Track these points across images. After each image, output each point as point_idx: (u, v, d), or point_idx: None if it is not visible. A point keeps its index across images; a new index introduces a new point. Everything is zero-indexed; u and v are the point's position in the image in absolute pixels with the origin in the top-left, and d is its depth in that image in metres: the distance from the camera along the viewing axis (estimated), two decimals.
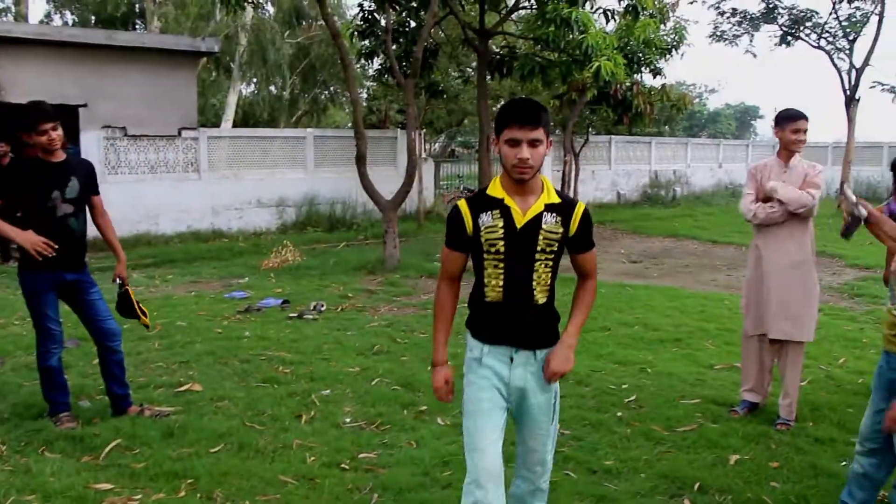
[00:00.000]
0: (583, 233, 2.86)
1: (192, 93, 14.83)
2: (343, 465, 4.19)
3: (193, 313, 7.95)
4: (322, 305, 8.25)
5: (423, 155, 17.60)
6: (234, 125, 23.35)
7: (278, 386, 5.52)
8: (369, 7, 12.36)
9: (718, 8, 21.89)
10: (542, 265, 2.80)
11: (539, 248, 2.77)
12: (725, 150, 27.12)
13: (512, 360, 2.85)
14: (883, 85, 20.49)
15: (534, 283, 2.80)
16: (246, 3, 10.33)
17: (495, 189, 2.82)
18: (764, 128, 57.85)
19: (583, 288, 2.98)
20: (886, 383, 3.35)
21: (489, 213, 2.78)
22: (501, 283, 2.79)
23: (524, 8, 12.50)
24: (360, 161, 10.87)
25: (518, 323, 2.83)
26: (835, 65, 20.69)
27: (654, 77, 16.20)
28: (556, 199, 2.82)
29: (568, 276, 3.02)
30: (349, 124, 33.50)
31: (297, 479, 4.01)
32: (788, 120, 4.75)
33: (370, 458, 4.29)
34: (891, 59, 35.60)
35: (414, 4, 12.47)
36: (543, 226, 2.77)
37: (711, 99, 55.22)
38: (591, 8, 12.03)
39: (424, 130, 20.34)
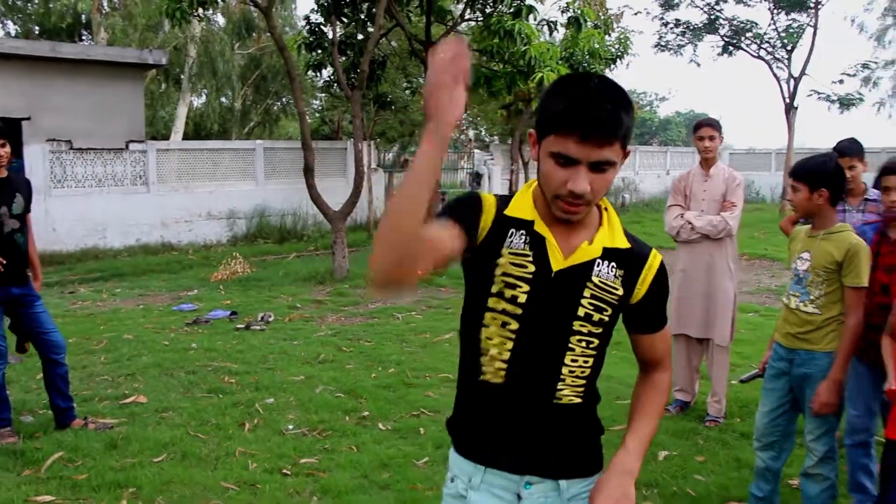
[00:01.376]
0: (656, 299, 1.83)
1: (139, 105, 14.75)
2: (284, 471, 4.30)
3: (141, 326, 7.96)
4: (270, 316, 8.32)
5: (374, 165, 17.72)
6: (185, 137, 23.20)
7: (223, 396, 5.61)
8: (316, 20, 12.47)
9: (662, 19, 22.43)
10: (583, 341, 1.75)
11: (582, 314, 1.74)
12: (673, 157, 27.68)
13: (519, 497, 1.78)
14: (819, 94, 21.12)
15: (563, 371, 1.75)
16: (191, 17, 10.36)
17: (523, 205, 1.77)
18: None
19: (650, 383, 1.93)
20: (798, 379, 3.55)
21: (521, 234, 1.74)
22: (508, 355, 1.74)
23: (470, 20, 12.70)
24: (308, 172, 10.98)
25: (533, 433, 1.75)
26: (774, 74, 21.31)
27: None
28: (624, 243, 1.78)
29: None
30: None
31: (238, 485, 4.10)
32: (696, 127, 5.04)
33: (311, 463, 4.40)
34: (827, 69, 36.63)
35: (361, 17, 12.61)
36: (594, 278, 1.74)
37: (662, 107, 56.34)
38: (535, 20, 12.27)
39: (378, 140, 20.46)
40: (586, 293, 1.72)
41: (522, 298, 1.71)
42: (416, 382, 5.93)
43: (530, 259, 1.71)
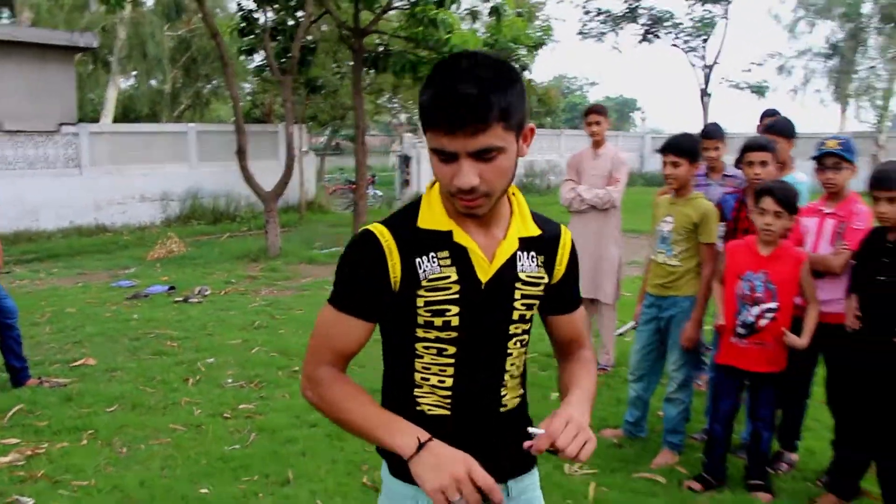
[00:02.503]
0: (572, 277, 1.78)
1: (70, 88, 14.92)
2: (225, 415, 4.90)
3: (82, 301, 8.38)
4: (206, 290, 8.82)
5: (305, 148, 18.18)
6: (115, 120, 23.19)
7: (166, 357, 6.15)
8: (248, 6, 12.86)
9: (585, 7, 23.33)
10: (518, 343, 1.69)
11: (517, 316, 1.66)
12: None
13: None
14: (730, 81, 22.32)
15: (505, 378, 1.69)
16: (126, 3, 10.69)
17: (433, 214, 1.62)
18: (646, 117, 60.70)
19: (578, 360, 1.82)
20: (665, 321, 4.33)
21: (432, 255, 1.59)
22: (451, 382, 1.64)
23: (396, 8, 13.24)
24: (241, 155, 11.44)
25: (477, 447, 1.57)
26: (690, 62, 22.45)
27: (522, 72, 17.32)
28: (535, 230, 1.69)
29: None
30: (232, 118, 33.53)
31: (185, 427, 4.69)
32: (585, 114, 5.80)
33: (249, 409, 5.01)
34: (747, 57, 38.20)
35: (291, 4, 13.04)
36: (521, 275, 1.65)
37: (592, 91, 57.60)
38: (458, 9, 12.90)
39: (309, 124, 20.86)
40: (517, 294, 1.64)
41: (455, 321, 1.58)
42: None
43: (454, 279, 1.57)
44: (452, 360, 1.62)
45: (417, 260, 1.57)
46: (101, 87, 26.83)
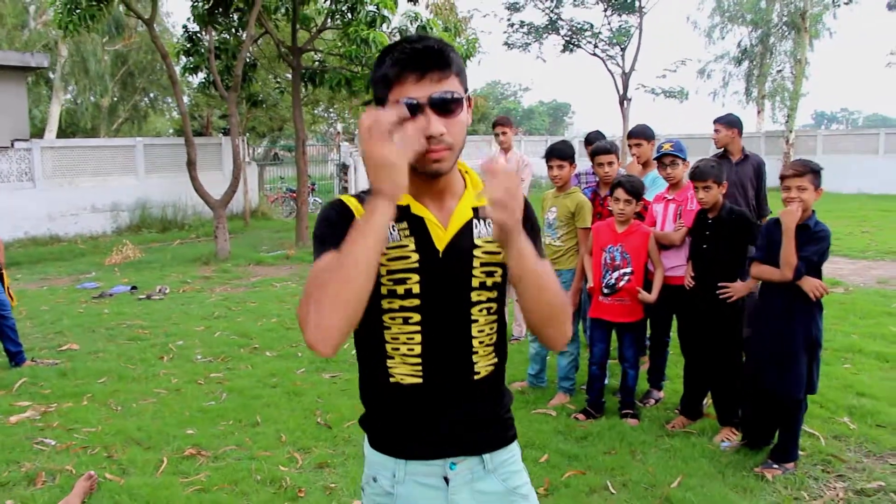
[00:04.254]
0: (532, 236, 1.71)
1: (23, 105, 15.62)
2: (199, 382, 5.92)
3: (52, 301, 9.25)
4: (166, 289, 9.75)
5: (247, 159, 19.09)
6: (57, 135, 23.72)
7: (141, 342, 7.13)
8: (193, 28, 13.76)
9: (509, 20, 24.69)
10: (484, 311, 1.73)
11: (477, 283, 1.71)
12: (527, 145, 30.04)
13: (447, 480, 1.75)
14: (645, 87, 23.88)
15: (474, 344, 1.73)
16: (81, 29, 11.54)
17: None
18: (576, 123, 62.61)
19: None
20: None
21: (392, 225, 1.67)
22: (419, 349, 1.71)
23: (331, 28, 14.25)
24: (191, 166, 12.36)
25: (453, 416, 1.73)
26: (608, 69, 23.95)
27: None
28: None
29: None
30: (170, 131, 34.06)
31: (167, 391, 5.70)
32: (494, 125, 6.94)
33: (218, 377, 6.04)
34: (661, 62, 40.14)
35: (234, 24, 14.00)
36: (477, 241, 1.72)
37: (525, 97, 59.23)
38: (388, 28, 13.98)
39: (248, 135, 21.72)
40: (475, 262, 1.69)
41: (416, 289, 1.66)
42: (294, 327, 7.61)
43: (412, 248, 1.66)
44: (418, 328, 1.69)
45: None
46: (43, 103, 27.20)
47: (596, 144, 5.55)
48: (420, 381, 1.70)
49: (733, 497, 3.84)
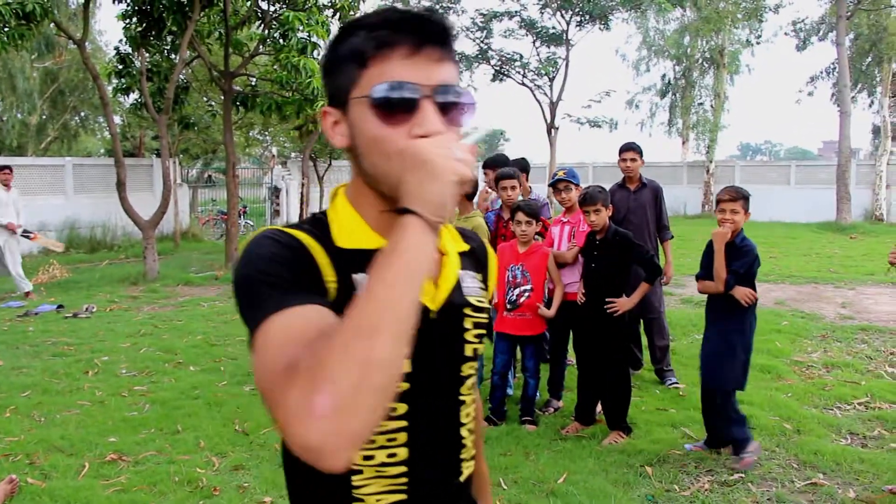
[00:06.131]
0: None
1: None
2: (123, 394, 6.14)
3: None
4: (93, 307, 9.86)
5: (179, 181, 19.17)
6: None
7: (66, 357, 7.29)
8: (125, 50, 13.89)
9: None
10: (470, 389, 1.34)
11: (470, 352, 1.31)
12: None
13: None
14: (570, 116, 24.68)
15: (463, 435, 1.31)
16: (10, 47, 11.61)
17: (350, 231, 1.22)
18: (508, 149, 63.82)
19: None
20: None
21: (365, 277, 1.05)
22: (405, 453, 1.21)
23: (262, 53, 14.53)
24: (121, 187, 12.46)
25: None
26: (536, 99, 24.70)
27: None
28: (464, 244, 1.38)
29: None
30: (102, 151, 33.70)
31: (91, 402, 5.91)
32: None
33: (142, 389, 6.26)
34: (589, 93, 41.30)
35: (166, 47, 14.18)
36: (469, 298, 1.31)
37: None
38: (319, 55, 14.33)
39: (180, 157, 21.76)
40: (467, 323, 1.28)
41: (406, 366, 1.10)
42: (218, 343, 7.86)
43: None
44: (404, 424, 1.20)
45: (355, 276, 1.16)
46: None
47: (499, 171, 6.00)
48: (404, 497, 1.22)
49: (612, 490, 4.27)
